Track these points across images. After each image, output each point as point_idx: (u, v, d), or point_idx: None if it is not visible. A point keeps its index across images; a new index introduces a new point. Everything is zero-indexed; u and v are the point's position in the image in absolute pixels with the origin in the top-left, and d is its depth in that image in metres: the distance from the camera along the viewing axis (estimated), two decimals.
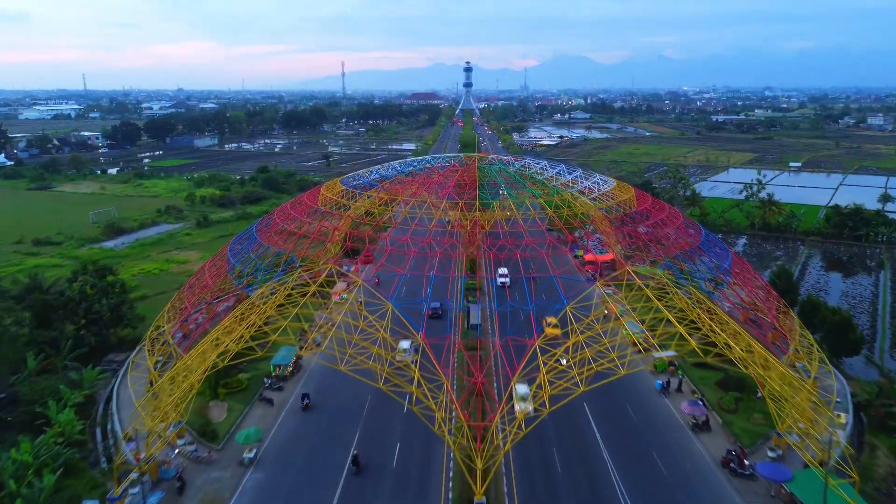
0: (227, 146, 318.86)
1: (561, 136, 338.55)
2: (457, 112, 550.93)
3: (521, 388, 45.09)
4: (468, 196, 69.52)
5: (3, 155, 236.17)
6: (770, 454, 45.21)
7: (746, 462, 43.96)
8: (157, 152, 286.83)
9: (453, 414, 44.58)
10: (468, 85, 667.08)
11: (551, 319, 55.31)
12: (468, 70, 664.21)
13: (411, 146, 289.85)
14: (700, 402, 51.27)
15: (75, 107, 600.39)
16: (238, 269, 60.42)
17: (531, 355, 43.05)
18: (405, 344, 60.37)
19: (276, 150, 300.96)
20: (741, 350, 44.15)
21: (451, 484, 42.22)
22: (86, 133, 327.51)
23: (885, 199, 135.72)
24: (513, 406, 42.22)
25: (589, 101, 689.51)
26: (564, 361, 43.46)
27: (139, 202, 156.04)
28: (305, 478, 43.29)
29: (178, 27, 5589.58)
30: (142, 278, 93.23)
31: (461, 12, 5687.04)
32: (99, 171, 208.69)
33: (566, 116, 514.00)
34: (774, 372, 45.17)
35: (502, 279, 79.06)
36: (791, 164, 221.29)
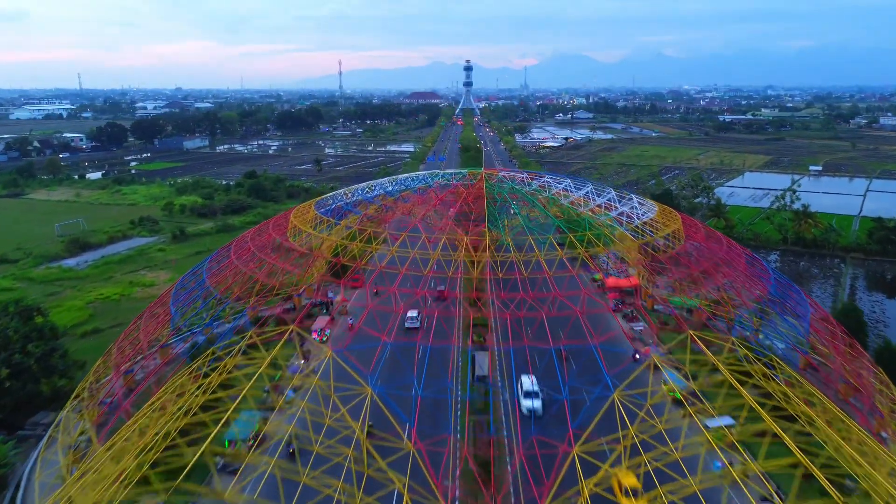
0: (218, 148, 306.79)
1: (566, 138, 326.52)
2: (457, 112, 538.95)
3: None
4: (474, 229, 56.08)
5: None
6: None
7: None
8: (145, 154, 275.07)
9: None
10: (468, 84, 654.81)
11: (627, 477, 35.61)
12: (468, 69, 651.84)
13: (410, 147, 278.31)
14: (777, 499, 39.54)
15: (68, 106, 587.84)
16: (179, 324, 48.46)
17: (567, 468, 30.78)
18: (413, 313, 60.80)
19: (271, 151, 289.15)
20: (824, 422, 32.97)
21: None
22: (69, 135, 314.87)
23: None
24: None
25: (591, 100, 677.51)
26: None
27: (114, 211, 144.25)
28: None
29: (177, 26, 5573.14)
30: (98, 306, 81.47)
31: (461, 11, 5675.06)
32: (77, 176, 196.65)
33: (568, 116, 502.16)
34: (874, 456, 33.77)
35: (529, 402, 47.63)
36: (811, 167, 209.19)
